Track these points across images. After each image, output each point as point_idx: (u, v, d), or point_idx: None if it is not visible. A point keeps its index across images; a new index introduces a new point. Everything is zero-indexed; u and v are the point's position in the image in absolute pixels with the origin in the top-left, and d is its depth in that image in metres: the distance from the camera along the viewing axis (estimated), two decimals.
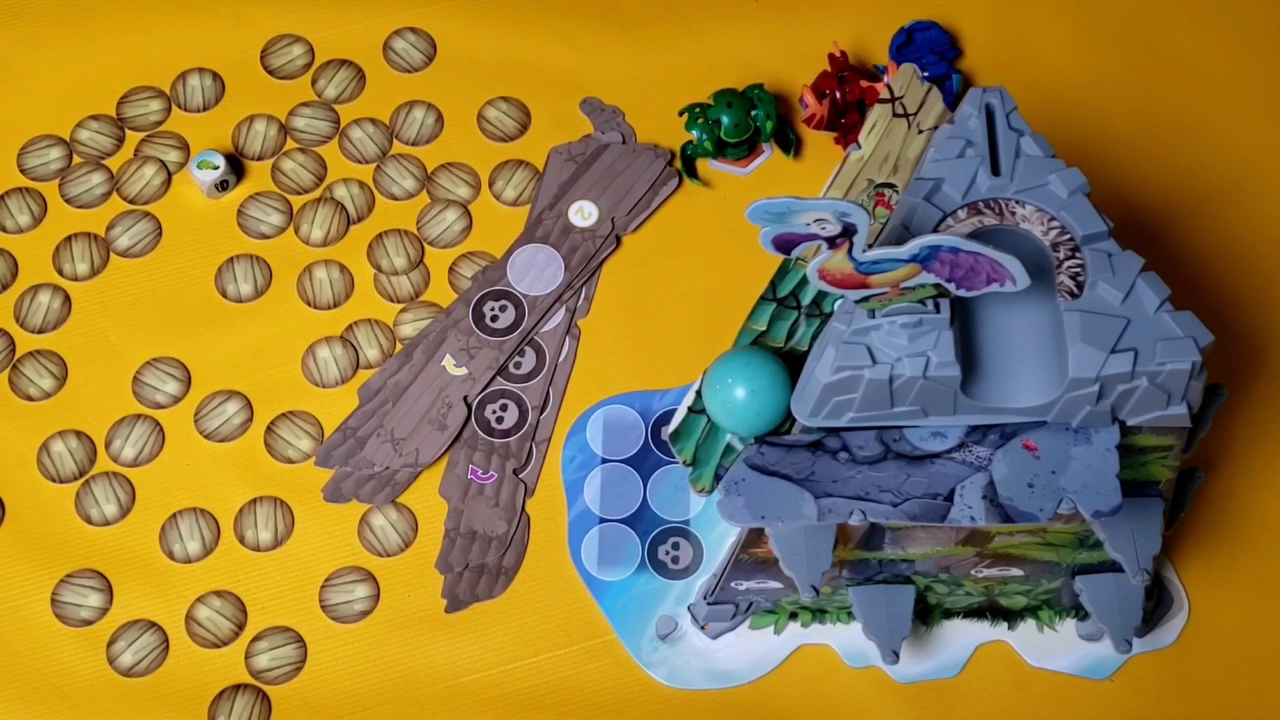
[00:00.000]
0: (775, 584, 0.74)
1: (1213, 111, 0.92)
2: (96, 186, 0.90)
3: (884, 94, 0.84)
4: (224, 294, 0.87)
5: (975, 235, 0.62)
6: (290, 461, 0.83)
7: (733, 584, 0.75)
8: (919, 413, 0.62)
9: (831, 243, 0.58)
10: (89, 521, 0.82)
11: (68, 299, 0.87)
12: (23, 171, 0.90)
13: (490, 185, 0.90)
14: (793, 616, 0.79)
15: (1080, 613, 0.79)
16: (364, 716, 0.78)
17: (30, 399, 0.85)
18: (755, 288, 0.81)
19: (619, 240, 0.89)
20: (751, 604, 0.78)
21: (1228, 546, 0.81)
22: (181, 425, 0.84)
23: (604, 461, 0.83)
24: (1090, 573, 0.74)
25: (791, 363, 0.76)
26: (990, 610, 0.79)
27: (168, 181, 0.90)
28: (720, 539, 0.81)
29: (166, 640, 0.79)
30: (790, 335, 0.80)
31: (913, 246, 0.57)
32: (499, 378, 0.85)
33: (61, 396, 0.85)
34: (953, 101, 0.88)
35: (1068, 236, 0.62)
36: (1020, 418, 0.63)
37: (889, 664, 0.75)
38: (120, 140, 0.91)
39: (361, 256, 0.88)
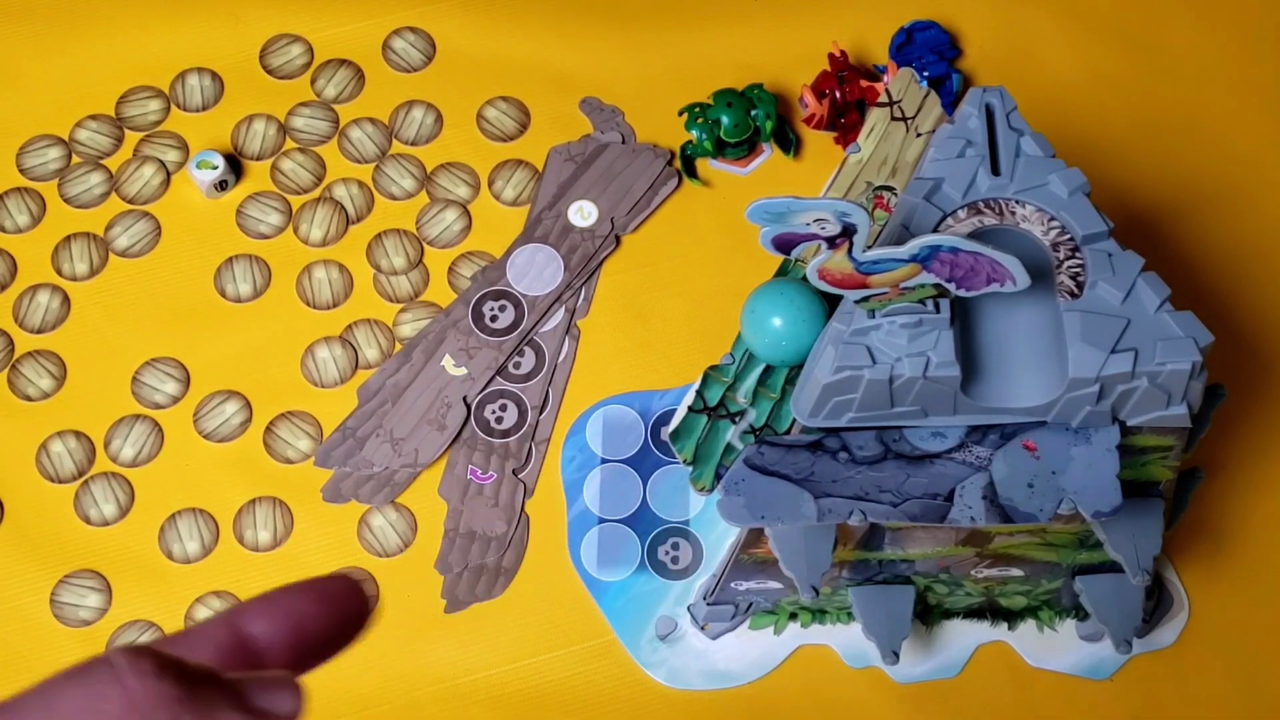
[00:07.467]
0: (775, 584, 0.74)
1: (1213, 111, 0.92)
2: (95, 186, 0.90)
3: (882, 98, 0.84)
4: (223, 294, 0.87)
5: (975, 235, 0.62)
6: (289, 462, 0.83)
7: (732, 584, 0.75)
8: (919, 413, 0.62)
9: (831, 243, 0.58)
10: (88, 522, 0.82)
11: (67, 299, 0.87)
12: (21, 171, 0.90)
13: (490, 185, 0.90)
14: (792, 617, 0.79)
15: (1080, 613, 0.78)
16: (363, 716, 0.78)
17: (29, 399, 0.85)
18: (755, 288, 0.81)
19: (618, 240, 0.89)
20: (751, 604, 0.77)
21: (1228, 546, 0.81)
22: (180, 425, 0.84)
23: (603, 462, 0.83)
24: (1090, 573, 0.74)
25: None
26: (990, 610, 0.79)
27: (167, 181, 0.90)
28: (720, 539, 0.81)
29: None
30: None
31: (912, 246, 0.57)
32: (498, 378, 0.85)
33: (60, 397, 0.85)
34: (953, 101, 0.88)
35: (1068, 236, 0.62)
36: (1020, 418, 0.63)
37: (889, 664, 0.75)
38: (119, 140, 0.91)
39: (361, 256, 0.88)
